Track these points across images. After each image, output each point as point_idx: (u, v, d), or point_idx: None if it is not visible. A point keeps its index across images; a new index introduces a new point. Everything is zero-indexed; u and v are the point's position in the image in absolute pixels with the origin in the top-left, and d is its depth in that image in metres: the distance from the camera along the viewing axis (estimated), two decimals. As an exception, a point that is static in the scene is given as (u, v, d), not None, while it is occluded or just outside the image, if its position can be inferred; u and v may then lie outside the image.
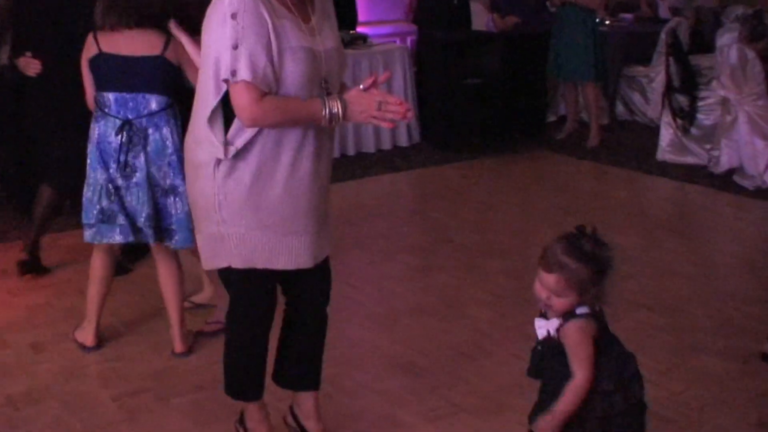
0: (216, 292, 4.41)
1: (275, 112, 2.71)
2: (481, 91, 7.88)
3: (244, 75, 2.64)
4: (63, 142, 4.61)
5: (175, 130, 3.83)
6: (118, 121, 3.77)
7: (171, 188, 3.85)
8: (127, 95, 3.78)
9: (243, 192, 2.80)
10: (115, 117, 3.78)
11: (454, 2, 8.11)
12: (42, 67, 4.57)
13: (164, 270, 4.01)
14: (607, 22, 9.34)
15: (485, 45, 7.98)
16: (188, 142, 2.92)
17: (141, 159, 3.80)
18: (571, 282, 2.49)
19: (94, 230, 3.89)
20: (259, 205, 2.83)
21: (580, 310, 2.52)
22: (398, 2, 9.23)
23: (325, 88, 2.81)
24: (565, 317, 2.53)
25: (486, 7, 8.59)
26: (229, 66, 2.65)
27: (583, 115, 8.58)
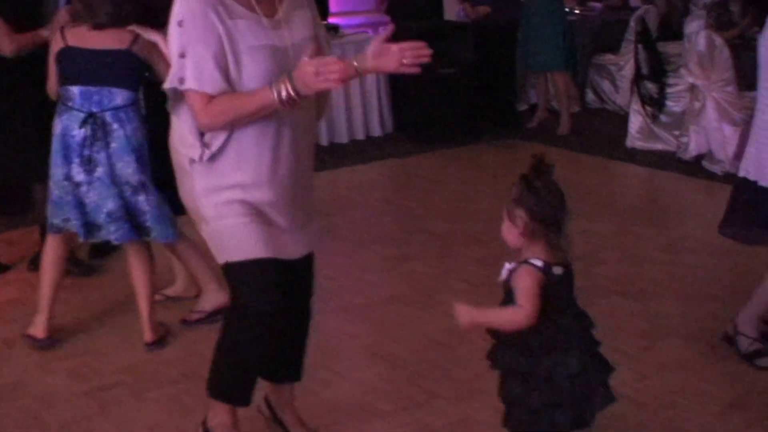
0: (191, 284, 4.43)
1: (224, 114, 2.70)
2: (454, 80, 7.92)
3: (190, 84, 2.66)
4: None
5: (139, 126, 3.82)
6: (82, 114, 3.76)
7: (140, 185, 3.83)
8: (93, 89, 3.77)
9: (225, 189, 2.80)
10: (79, 110, 3.76)
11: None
12: None
13: (135, 260, 4.00)
14: (577, 11, 9.40)
15: (457, 35, 8.02)
16: (173, 142, 2.92)
17: (103, 154, 3.77)
18: (512, 215, 2.63)
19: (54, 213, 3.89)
20: (247, 200, 2.81)
21: (534, 261, 2.60)
22: (369, -7, 9.25)
23: None
24: (520, 263, 2.62)
25: (456, -4, 8.63)
26: (176, 74, 2.68)
27: (554, 104, 8.65)
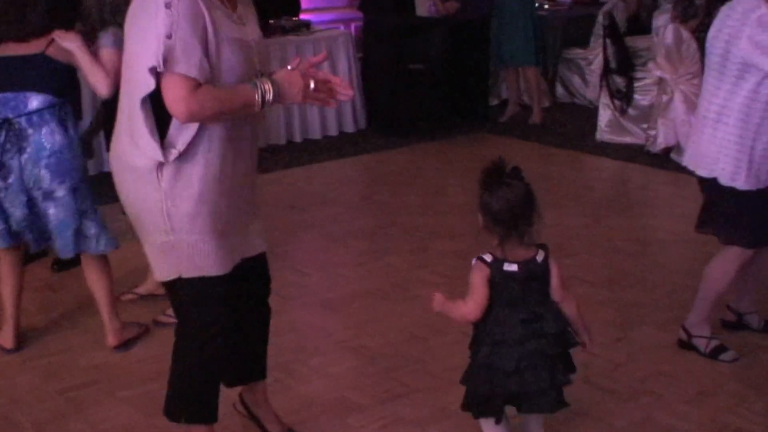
0: (160, 284, 4.40)
1: (212, 103, 2.56)
2: (426, 76, 7.97)
3: (180, 67, 2.51)
4: None
5: (57, 131, 3.71)
6: None
7: (48, 193, 3.74)
8: (9, 95, 3.70)
9: (194, 197, 2.67)
10: None
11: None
12: None
13: (89, 266, 3.96)
14: (546, 7, 9.48)
15: (429, 30, 8.07)
16: (124, 145, 2.71)
17: (16, 161, 3.70)
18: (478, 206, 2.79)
19: None
20: (213, 211, 2.71)
21: (485, 256, 2.80)
22: (341, -11, 9.27)
23: None
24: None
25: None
26: (160, 55, 2.49)
27: (525, 98, 8.72)
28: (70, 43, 3.67)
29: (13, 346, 4.03)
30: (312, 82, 2.72)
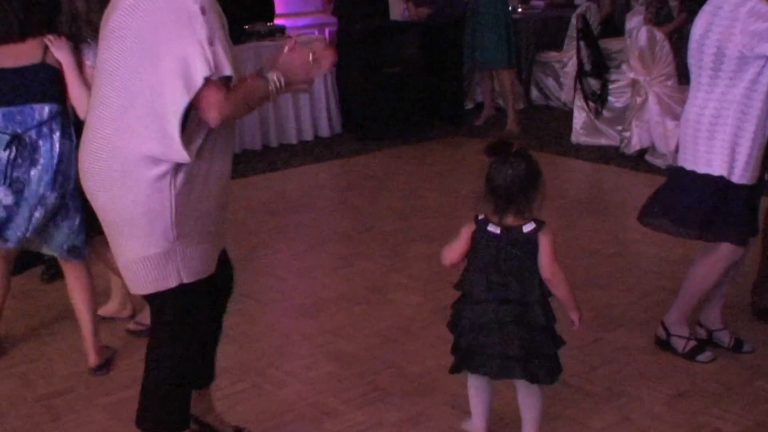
0: (125, 305, 4.37)
1: (241, 103, 2.61)
2: (400, 79, 7.98)
3: (227, 70, 2.52)
4: None
5: (64, 137, 3.66)
6: (6, 137, 3.61)
7: (62, 196, 3.68)
8: (15, 109, 3.63)
9: (200, 199, 2.68)
10: (3, 132, 3.62)
11: (370, -8, 8.19)
12: None
13: (73, 282, 3.88)
14: (519, 10, 9.50)
15: (402, 34, 8.07)
16: (127, 156, 2.61)
17: (32, 173, 3.63)
18: None
19: None
20: (208, 211, 2.73)
21: (479, 215, 3.00)
22: (315, -7, 9.27)
23: None
24: None
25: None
26: (210, 62, 2.48)
27: (500, 101, 8.74)
28: (60, 53, 3.63)
29: None
30: (310, 55, 2.74)
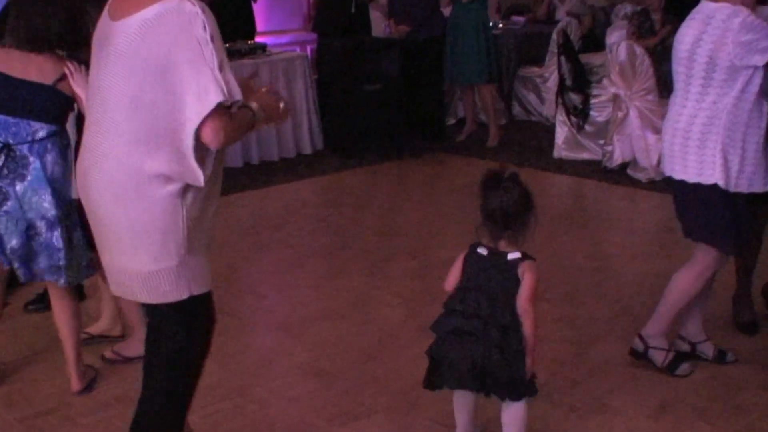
0: (116, 323, 4.33)
1: (237, 130, 2.69)
2: (381, 96, 7.97)
3: (237, 95, 2.60)
4: None
5: (59, 159, 3.64)
6: None
7: (56, 220, 3.63)
8: (11, 119, 3.58)
9: (206, 215, 2.76)
10: None
11: (352, 10, 8.19)
12: None
13: (59, 305, 3.81)
14: (500, 25, 9.53)
15: (383, 51, 8.07)
16: (137, 175, 2.66)
17: (17, 187, 3.58)
18: None
19: None
20: (211, 225, 2.81)
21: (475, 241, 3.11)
22: (296, 11, 9.28)
23: None
24: None
25: (383, 14, 8.70)
26: (223, 88, 2.54)
27: (482, 117, 8.76)
28: (78, 88, 3.56)
29: None
30: (282, 104, 2.87)
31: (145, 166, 2.64)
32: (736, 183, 3.64)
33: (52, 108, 3.63)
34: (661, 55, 7.14)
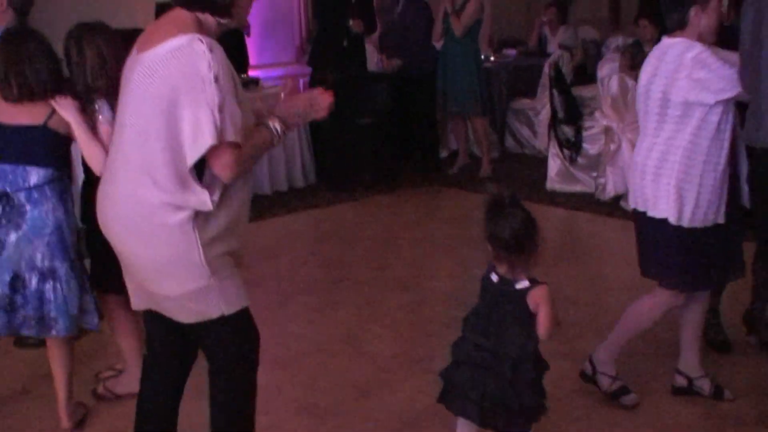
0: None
1: (250, 159, 2.79)
2: (374, 129, 7.97)
3: (230, 136, 2.65)
4: None
5: (58, 206, 3.59)
6: None
7: (50, 271, 3.58)
8: (7, 167, 3.54)
9: (225, 235, 2.79)
10: None
11: (344, 44, 8.20)
12: None
13: (55, 342, 3.74)
14: (492, 58, 9.56)
15: (375, 84, 8.09)
16: (149, 206, 2.74)
17: (11, 237, 3.54)
18: None
19: None
20: (238, 243, 2.87)
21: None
22: (288, 44, 9.29)
23: None
24: None
25: (375, 48, 8.72)
26: (216, 129, 2.62)
27: (474, 149, 8.76)
28: (67, 114, 3.55)
29: None
30: (309, 101, 2.93)
31: (153, 197, 2.72)
32: (691, 218, 3.62)
33: (47, 149, 3.59)
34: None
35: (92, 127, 3.60)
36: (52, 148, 3.60)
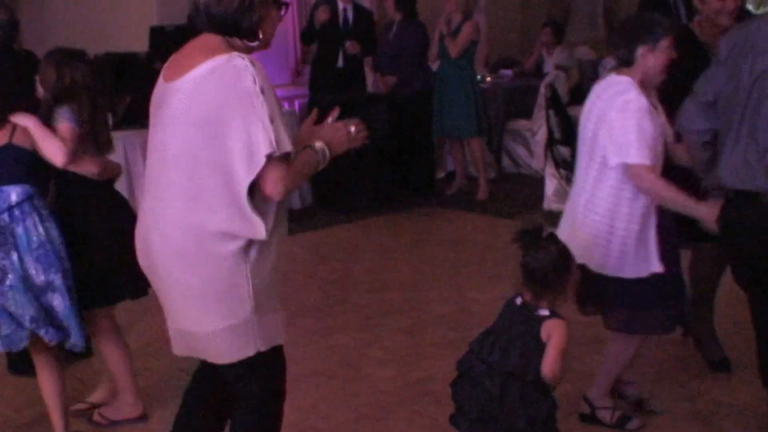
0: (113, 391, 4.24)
1: (300, 176, 2.74)
2: (370, 151, 7.95)
3: (286, 146, 2.60)
4: None
5: (38, 222, 3.58)
6: None
7: (47, 285, 3.57)
8: None
9: (271, 268, 2.74)
10: None
11: (339, 65, 8.22)
12: None
13: (44, 372, 3.72)
14: (488, 79, 9.58)
15: (371, 105, 8.08)
16: (203, 234, 2.67)
17: (13, 258, 3.52)
18: None
19: None
20: (274, 281, 2.79)
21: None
22: (284, 66, 9.29)
23: None
24: None
25: (370, 68, 8.73)
26: (271, 140, 2.56)
27: (471, 170, 8.75)
28: (25, 120, 3.60)
29: None
30: (352, 128, 2.90)
31: (206, 225, 2.65)
32: (634, 269, 3.56)
33: (19, 166, 3.60)
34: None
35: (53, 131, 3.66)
36: (22, 164, 3.61)
